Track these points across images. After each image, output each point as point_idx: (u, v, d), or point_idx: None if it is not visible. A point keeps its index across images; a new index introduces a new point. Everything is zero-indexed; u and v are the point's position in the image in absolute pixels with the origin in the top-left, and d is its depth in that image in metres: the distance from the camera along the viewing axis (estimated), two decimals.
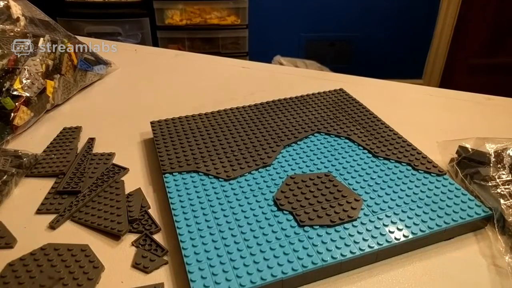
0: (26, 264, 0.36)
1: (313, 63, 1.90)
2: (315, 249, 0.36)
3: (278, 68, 0.89)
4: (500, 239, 0.39)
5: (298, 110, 0.59)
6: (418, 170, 0.46)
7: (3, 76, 0.56)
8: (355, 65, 2.07)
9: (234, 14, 1.81)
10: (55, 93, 0.63)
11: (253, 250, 0.36)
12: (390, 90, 0.71)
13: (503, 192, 0.41)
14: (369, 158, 0.48)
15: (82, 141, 0.56)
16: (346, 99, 0.62)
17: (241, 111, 0.59)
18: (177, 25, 1.78)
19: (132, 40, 1.75)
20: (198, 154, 0.49)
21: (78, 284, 0.34)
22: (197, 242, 0.36)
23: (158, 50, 0.97)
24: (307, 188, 0.43)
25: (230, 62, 0.83)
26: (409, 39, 2.02)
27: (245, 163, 0.47)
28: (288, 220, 0.39)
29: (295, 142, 0.52)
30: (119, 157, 0.52)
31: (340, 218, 0.39)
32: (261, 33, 1.93)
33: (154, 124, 0.56)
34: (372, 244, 0.36)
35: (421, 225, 0.38)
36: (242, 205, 0.41)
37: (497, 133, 0.54)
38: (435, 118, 0.62)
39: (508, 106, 0.65)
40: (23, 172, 0.48)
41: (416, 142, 0.50)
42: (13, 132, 0.56)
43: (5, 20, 0.62)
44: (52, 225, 0.41)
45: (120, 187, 0.46)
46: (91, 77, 0.72)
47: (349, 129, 0.54)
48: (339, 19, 1.98)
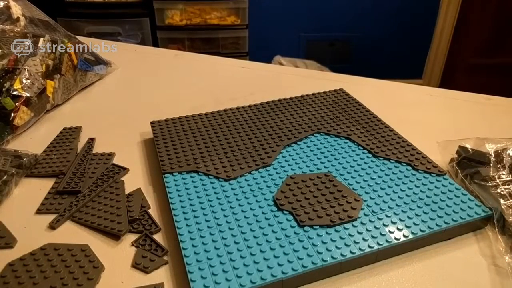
0: (26, 264, 0.36)
1: (313, 63, 1.90)
2: (315, 249, 0.36)
3: (278, 68, 0.89)
4: (500, 239, 0.39)
5: (298, 110, 0.59)
6: (418, 170, 0.46)
7: (3, 76, 0.56)
8: (355, 65, 2.07)
9: (234, 14, 1.81)
10: (55, 93, 0.63)
11: (253, 250, 0.36)
12: (390, 90, 0.71)
13: (503, 192, 0.41)
14: (369, 158, 0.48)
15: (82, 141, 0.56)
16: (346, 99, 0.62)
17: (241, 111, 0.59)
18: (177, 25, 1.78)
19: (132, 40, 1.75)
20: (198, 154, 0.49)
21: (78, 284, 0.34)
22: (197, 242, 0.36)
23: (158, 50, 0.97)
24: (307, 188, 0.43)
25: (230, 62, 0.83)
26: (409, 39, 2.02)
27: (245, 163, 0.47)
28: (288, 220, 0.39)
29: (295, 142, 0.52)
30: (119, 157, 0.52)
31: (340, 218, 0.39)
32: (261, 33, 1.93)
33: (154, 124, 0.56)
34: (372, 244, 0.36)
35: (421, 225, 0.38)
36: (242, 205, 0.41)
37: (497, 133, 0.54)
38: (435, 118, 0.62)
39: (508, 106, 0.65)
40: (23, 172, 0.48)
41: (416, 142, 0.51)
42: (13, 132, 0.56)
43: (5, 20, 0.62)
44: (52, 225, 0.41)
45: (120, 187, 0.46)
46: (91, 77, 0.72)
47: (349, 129, 0.54)
48: (339, 19, 1.98)
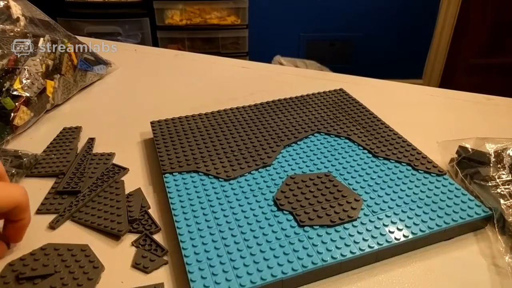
0: (26, 264, 0.36)
1: (313, 63, 1.90)
2: (315, 249, 0.36)
3: (278, 68, 0.89)
4: (500, 239, 0.39)
5: (298, 110, 0.59)
6: (418, 170, 0.46)
7: (3, 76, 0.56)
8: (355, 65, 2.07)
9: (234, 14, 1.81)
10: (55, 93, 0.63)
11: (253, 250, 0.36)
12: (390, 90, 0.71)
13: (503, 192, 0.41)
14: (369, 158, 0.48)
15: (82, 141, 0.56)
16: (346, 99, 0.62)
17: (241, 111, 0.59)
18: (177, 25, 1.78)
19: (132, 40, 1.75)
20: (198, 154, 0.49)
21: (78, 284, 0.34)
22: (197, 242, 0.36)
23: (158, 50, 0.97)
24: (307, 188, 0.43)
25: (230, 62, 0.83)
26: (409, 39, 2.02)
27: (245, 163, 0.47)
28: (288, 220, 0.39)
29: (295, 142, 0.52)
30: (119, 157, 0.52)
31: (340, 218, 0.39)
32: (261, 33, 1.93)
33: (154, 124, 0.56)
34: (372, 244, 0.36)
35: (421, 225, 0.38)
36: (242, 205, 0.41)
37: (497, 133, 0.54)
38: (435, 118, 0.62)
39: (508, 106, 0.65)
40: (23, 172, 0.48)
41: (416, 142, 0.50)
42: (13, 132, 0.56)
43: (5, 20, 0.62)
44: (52, 225, 0.41)
45: (120, 187, 0.46)
46: (91, 77, 0.72)
47: (349, 129, 0.54)
48: (339, 19, 1.98)
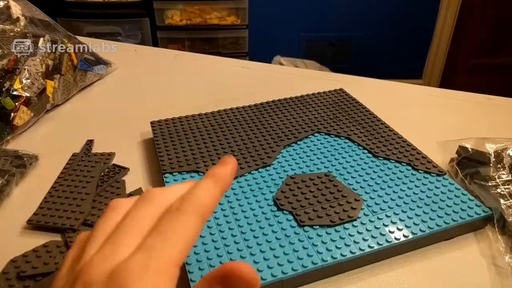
0: (28, 261, 0.36)
1: (313, 63, 1.90)
2: (315, 249, 0.36)
3: (278, 68, 0.89)
4: (500, 239, 0.39)
5: (298, 110, 0.59)
6: (418, 170, 0.46)
7: (3, 76, 0.56)
8: (355, 65, 2.07)
9: (234, 14, 1.81)
10: (55, 93, 0.63)
11: (253, 250, 0.36)
12: (390, 90, 0.71)
13: (503, 192, 0.41)
14: (369, 158, 0.48)
15: (81, 141, 0.55)
16: (346, 99, 0.62)
17: (241, 111, 0.59)
18: (177, 25, 1.78)
19: (132, 40, 1.75)
20: (198, 154, 0.49)
21: None
22: (197, 242, 0.36)
23: (158, 50, 0.97)
24: (307, 188, 0.43)
25: (230, 62, 0.83)
26: (409, 39, 2.02)
27: (245, 163, 0.47)
28: (288, 220, 0.39)
29: (295, 142, 0.52)
30: (119, 157, 0.52)
31: (340, 218, 0.39)
32: (261, 33, 1.93)
33: (154, 124, 0.56)
34: (372, 244, 0.36)
35: (421, 225, 0.38)
36: (242, 205, 0.41)
37: (497, 133, 0.54)
38: (435, 118, 0.62)
39: (508, 106, 0.65)
40: (23, 172, 0.48)
41: (416, 142, 0.50)
42: (13, 132, 0.56)
43: (5, 20, 0.62)
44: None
45: (121, 187, 0.46)
46: (91, 77, 0.72)
47: (349, 129, 0.54)
48: (339, 19, 1.98)
